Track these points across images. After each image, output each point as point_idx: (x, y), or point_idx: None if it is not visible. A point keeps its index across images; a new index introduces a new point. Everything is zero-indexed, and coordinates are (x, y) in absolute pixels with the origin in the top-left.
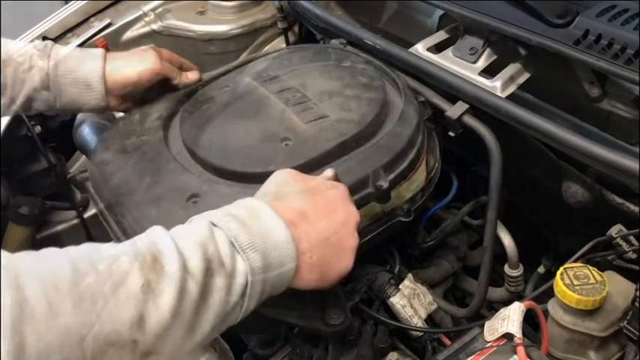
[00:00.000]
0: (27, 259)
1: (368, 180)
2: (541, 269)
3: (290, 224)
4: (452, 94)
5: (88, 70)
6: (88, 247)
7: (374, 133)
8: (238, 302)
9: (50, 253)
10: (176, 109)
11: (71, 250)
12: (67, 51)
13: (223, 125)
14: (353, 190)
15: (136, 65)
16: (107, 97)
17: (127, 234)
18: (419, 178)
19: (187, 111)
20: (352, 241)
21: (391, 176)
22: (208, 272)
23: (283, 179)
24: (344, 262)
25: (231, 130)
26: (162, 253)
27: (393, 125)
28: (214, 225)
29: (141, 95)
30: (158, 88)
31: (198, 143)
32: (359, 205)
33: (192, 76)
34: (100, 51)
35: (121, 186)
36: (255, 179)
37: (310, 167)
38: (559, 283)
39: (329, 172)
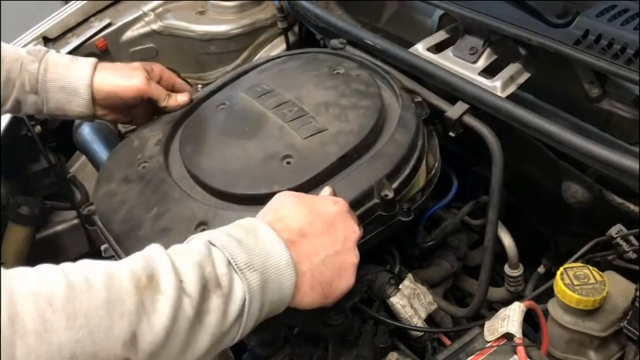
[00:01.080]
0: (22, 274)
1: (372, 191)
2: (541, 269)
3: (289, 244)
4: (452, 94)
5: (76, 78)
6: (84, 264)
7: (374, 142)
8: (235, 323)
9: (46, 268)
10: (174, 131)
11: (67, 266)
12: (58, 57)
13: (223, 147)
14: (358, 202)
15: (122, 80)
16: (94, 106)
17: None
18: (418, 178)
19: (186, 134)
20: (353, 258)
21: (395, 184)
22: (205, 292)
23: (282, 199)
24: (345, 280)
25: (232, 151)
26: (158, 272)
27: (392, 131)
28: (212, 244)
29: (131, 111)
30: (149, 106)
31: (201, 168)
32: (366, 217)
33: (181, 99)
34: (91, 60)
35: (127, 219)
36: (260, 201)
37: (314, 184)
38: (559, 283)
39: (327, 189)
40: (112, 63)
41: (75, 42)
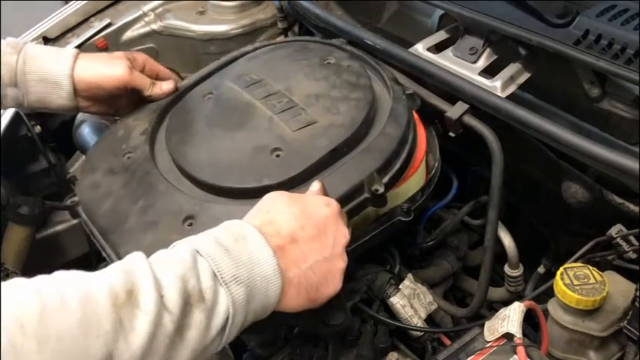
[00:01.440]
0: None
1: (363, 186)
2: (541, 269)
3: (278, 250)
4: (452, 94)
5: (57, 69)
6: (61, 279)
7: (365, 136)
8: (217, 336)
9: (19, 286)
10: (160, 120)
11: (42, 283)
12: (37, 49)
13: (211, 138)
14: (349, 197)
15: (103, 69)
16: (76, 97)
17: None
18: (418, 177)
19: (172, 124)
20: (341, 263)
21: (386, 179)
22: (187, 307)
23: (273, 200)
24: (332, 285)
25: (220, 143)
26: (138, 286)
27: (383, 125)
28: (198, 253)
29: (115, 101)
30: (134, 96)
31: (188, 160)
32: (356, 211)
33: (166, 87)
34: (72, 50)
35: (113, 211)
36: (249, 194)
37: (304, 177)
38: (559, 283)
39: (316, 184)
40: (94, 53)
41: (75, 42)
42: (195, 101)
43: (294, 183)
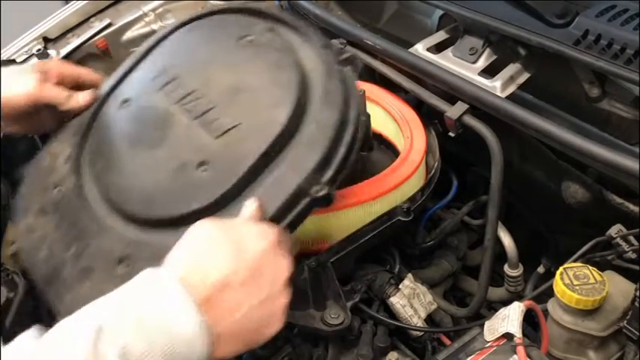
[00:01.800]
0: None
1: (302, 189)
2: (541, 269)
3: (204, 303)
4: (452, 94)
5: None
6: None
7: (297, 128)
8: None
9: None
10: (82, 143)
11: None
12: None
13: (134, 160)
14: (288, 207)
15: (9, 87)
16: None
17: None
18: (417, 177)
19: (94, 146)
20: (282, 300)
21: (328, 173)
22: None
23: (200, 237)
24: (273, 326)
25: (143, 164)
26: None
27: (318, 109)
28: (102, 330)
29: (37, 119)
30: (54, 110)
31: (114, 190)
32: (301, 219)
33: (83, 99)
34: None
35: (49, 258)
36: (181, 222)
37: (236, 192)
38: (559, 283)
39: (249, 206)
40: (4, 68)
41: (75, 42)
42: (113, 113)
43: (227, 200)
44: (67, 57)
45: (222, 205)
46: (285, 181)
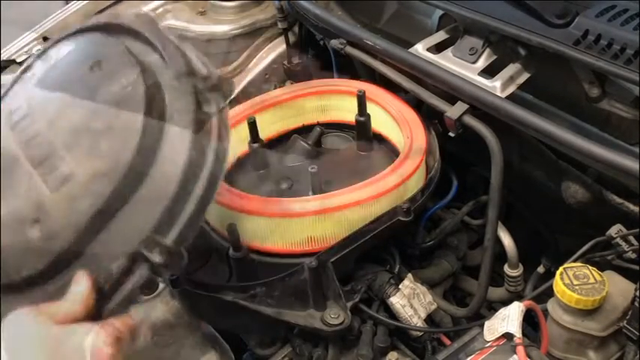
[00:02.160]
0: None
1: (140, 254)
2: (541, 269)
3: None
4: (452, 94)
5: None
6: None
7: (140, 179)
8: None
9: None
10: None
11: None
12: None
13: None
14: (130, 270)
15: None
16: None
17: None
18: (417, 177)
19: None
20: None
21: (173, 233)
22: None
23: (17, 337)
24: None
25: None
26: None
27: (166, 155)
28: None
29: None
30: None
31: None
32: (144, 288)
33: None
34: None
35: None
36: (20, 290)
37: (64, 262)
38: (559, 283)
39: (77, 289)
40: None
41: None
42: None
43: (59, 267)
44: None
45: (54, 272)
46: (125, 242)
